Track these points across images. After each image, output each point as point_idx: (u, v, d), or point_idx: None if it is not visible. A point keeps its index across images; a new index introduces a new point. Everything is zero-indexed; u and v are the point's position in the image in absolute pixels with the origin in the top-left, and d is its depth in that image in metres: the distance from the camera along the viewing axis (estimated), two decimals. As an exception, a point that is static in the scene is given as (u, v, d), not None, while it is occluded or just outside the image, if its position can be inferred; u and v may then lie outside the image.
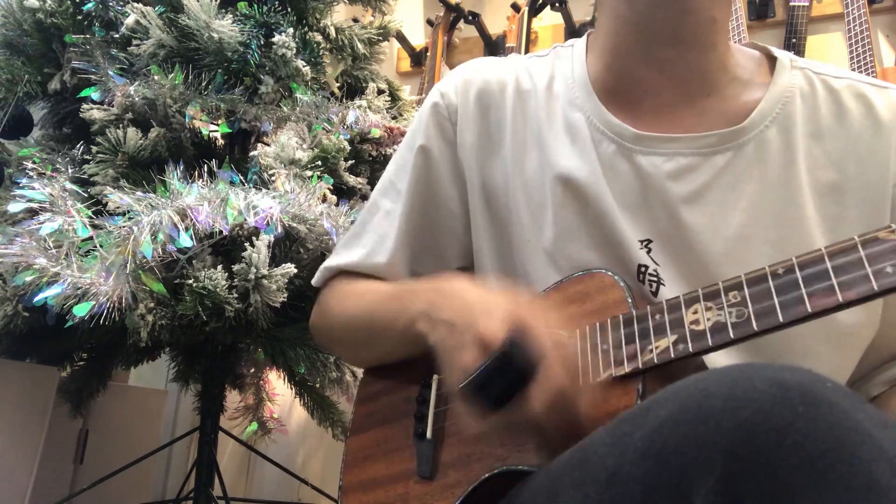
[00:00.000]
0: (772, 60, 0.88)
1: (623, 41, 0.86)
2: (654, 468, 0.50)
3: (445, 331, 0.73)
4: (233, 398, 2.03)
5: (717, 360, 0.75)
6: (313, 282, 1.04)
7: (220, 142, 1.83)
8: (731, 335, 0.62)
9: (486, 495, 0.74)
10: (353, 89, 2.07)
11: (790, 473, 0.43)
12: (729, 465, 0.45)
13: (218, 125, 1.73)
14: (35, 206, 1.45)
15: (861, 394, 0.85)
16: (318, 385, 1.87)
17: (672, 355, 0.65)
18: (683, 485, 0.47)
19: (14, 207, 1.47)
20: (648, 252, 0.82)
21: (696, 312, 0.66)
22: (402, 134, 1.84)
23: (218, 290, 1.38)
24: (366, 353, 0.98)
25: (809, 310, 0.59)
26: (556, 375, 0.65)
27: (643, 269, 0.81)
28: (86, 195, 1.56)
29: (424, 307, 0.79)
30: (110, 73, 1.66)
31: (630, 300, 0.73)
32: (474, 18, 2.89)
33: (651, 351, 0.67)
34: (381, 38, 2.11)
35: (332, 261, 1.01)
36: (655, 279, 0.81)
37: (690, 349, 0.65)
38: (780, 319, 0.60)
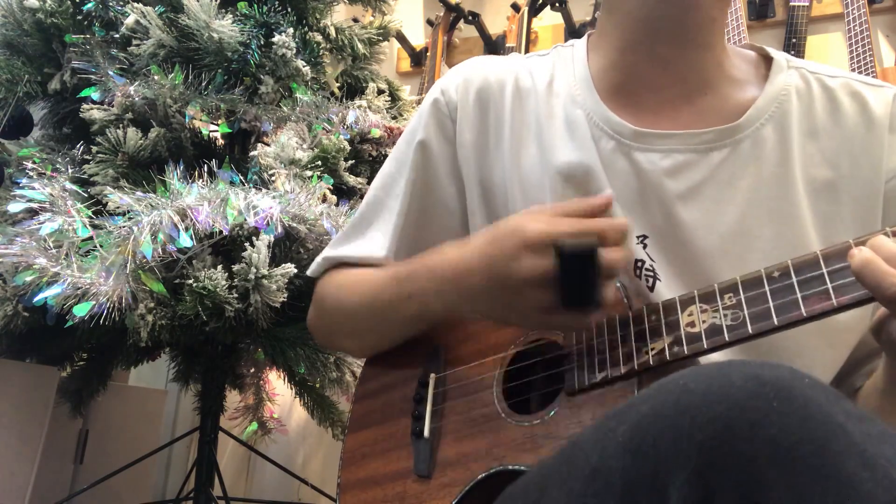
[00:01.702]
0: (768, 61, 0.89)
1: (631, 37, 0.87)
2: (632, 462, 0.50)
3: (486, 299, 0.76)
4: (233, 398, 2.03)
5: (713, 360, 0.75)
6: (309, 272, 1.04)
7: (220, 142, 1.83)
8: (727, 338, 0.63)
9: (483, 494, 0.74)
10: (353, 89, 2.07)
11: (763, 466, 0.44)
12: (703, 458, 0.46)
13: (218, 125, 1.73)
14: (35, 206, 1.45)
15: (846, 386, 0.86)
16: (318, 385, 1.87)
17: (668, 357, 0.66)
18: (660, 478, 0.48)
19: (14, 207, 1.47)
20: (644, 248, 0.82)
21: (691, 314, 0.66)
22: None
23: (218, 290, 1.38)
24: (370, 338, 0.97)
25: (804, 313, 0.59)
26: (614, 227, 0.69)
27: (639, 264, 0.82)
28: (86, 195, 1.56)
29: (433, 292, 0.82)
30: (110, 73, 1.67)
31: (626, 300, 0.73)
32: (474, 18, 2.89)
33: (647, 353, 0.68)
34: (381, 38, 2.11)
35: (329, 252, 1.01)
36: (651, 275, 0.81)
37: (686, 351, 0.65)
38: (776, 323, 0.60)
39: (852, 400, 0.81)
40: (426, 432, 0.82)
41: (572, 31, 2.77)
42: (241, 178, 1.61)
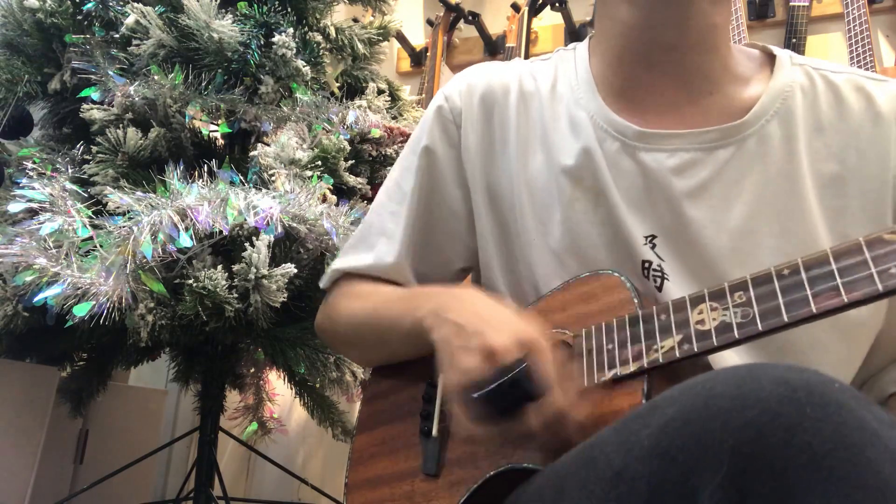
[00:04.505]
0: (771, 58, 0.89)
1: (626, 45, 0.87)
2: (660, 466, 0.50)
3: (452, 331, 0.75)
4: (233, 398, 2.03)
5: (725, 358, 0.75)
6: (321, 284, 1.06)
7: (220, 142, 1.83)
8: (737, 335, 0.63)
9: (491, 493, 0.74)
10: (353, 89, 2.06)
11: (797, 472, 0.44)
12: (735, 463, 0.46)
13: (218, 125, 1.73)
14: (35, 206, 1.45)
15: (875, 392, 0.86)
16: (318, 385, 1.87)
17: (677, 355, 0.66)
18: (690, 482, 0.48)
19: (14, 207, 1.47)
20: (653, 248, 0.82)
21: (701, 312, 0.66)
22: (402, 134, 1.85)
23: (218, 290, 1.38)
24: (373, 353, 0.99)
25: (814, 310, 0.59)
26: (559, 404, 0.67)
27: (647, 264, 0.82)
28: (86, 195, 1.56)
29: (433, 307, 0.81)
30: (110, 73, 1.66)
31: (636, 300, 0.73)
32: (474, 18, 2.89)
33: (656, 350, 0.67)
34: (381, 38, 2.10)
35: (339, 263, 1.02)
36: (660, 274, 0.81)
37: (695, 349, 0.65)
38: (785, 320, 0.60)
39: (884, 406, 0.82)
40: (434, 431, 0.82)
41: (572, 31, 2.77)
42: (241, 178, 1.61)
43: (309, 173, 1.60)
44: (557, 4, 2.71)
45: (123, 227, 1.36)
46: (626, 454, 0.53)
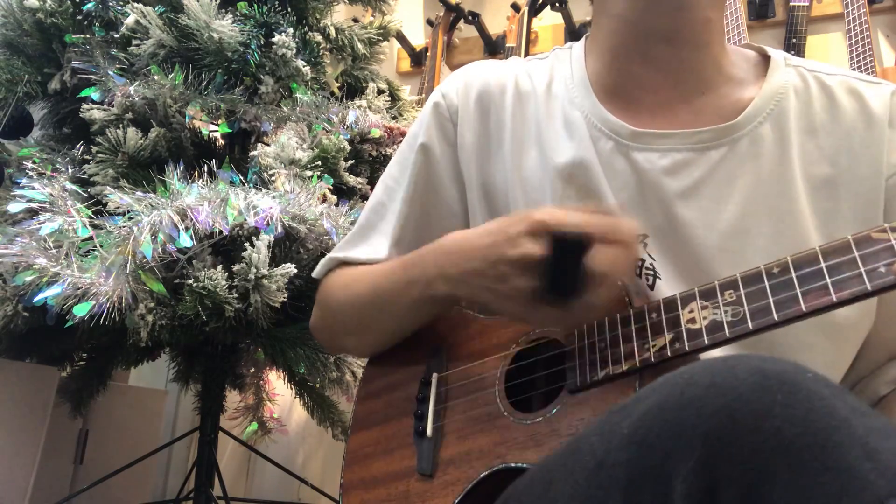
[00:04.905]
0: (766, 59, 0.90)
1: (621, 39, 0.87)
2: (637, 453, 0.51)
3: (476, 279, 0.76)
4: (233, 398, 2.03)
5: (715, 356, 0.75)
6: (314, 273, 1.05)
7: (220, 142, 1.83)
8: (727, 334, 0.63)
9: (486, 492, 0.74)
10: (353, 89, 2.07)
11: (767, 457, 0.45)
12: (707, 449, 0.47)
13: (218, 125, 1.73)
14: (35, 206, 1.45)
15: (869, 393, 0.86)
16: (318, 385, 1.87)
17: (669, 354, 0.66)
18: (665, 468, 0.49)
19: (14, 207, 1.47)
20: (645, 247, 0.83)
21: (692, 311, 0.67)
22: (402, 134, 1.85)
23: (218, 290, 1.38)
24: (374, 333, 0.97)
25: (804, 309, 0.59)
26: (609, 227, 0.69)
27: (640, 262, 0.82)
28: (86, 195, 1.56)
29: (436, 270, 0.82)
30: (110, 73, 1.67)
31: (628, 299, 0.73)
32: (474, 18, 2.89)
33: (648, 349, 0.68)
34: (381, 38, 2.11)
35: (334, 254, 1.02)
36: (652, 273, 0.82)
37: (686, 348, 0.65)
38: (776, 318, 0.61)
39: (877, 408, 0.82)
40: (429, 431, 0.82)
41: (572, 31, 2.77)
42: (241, 178, 1.61)
43: (309, 173, 1.60)
44: (557, 4, 2.71)
45: (123, 227, 1.37)
46: (607, 443, 0.54)
